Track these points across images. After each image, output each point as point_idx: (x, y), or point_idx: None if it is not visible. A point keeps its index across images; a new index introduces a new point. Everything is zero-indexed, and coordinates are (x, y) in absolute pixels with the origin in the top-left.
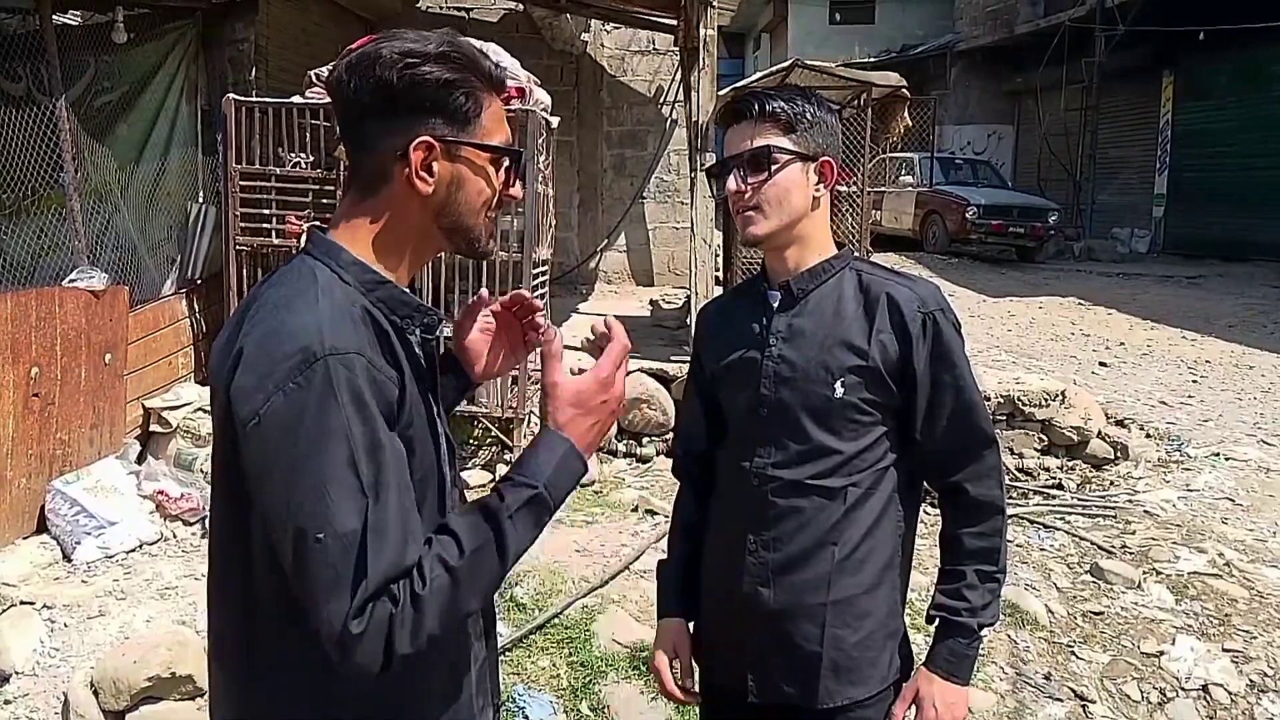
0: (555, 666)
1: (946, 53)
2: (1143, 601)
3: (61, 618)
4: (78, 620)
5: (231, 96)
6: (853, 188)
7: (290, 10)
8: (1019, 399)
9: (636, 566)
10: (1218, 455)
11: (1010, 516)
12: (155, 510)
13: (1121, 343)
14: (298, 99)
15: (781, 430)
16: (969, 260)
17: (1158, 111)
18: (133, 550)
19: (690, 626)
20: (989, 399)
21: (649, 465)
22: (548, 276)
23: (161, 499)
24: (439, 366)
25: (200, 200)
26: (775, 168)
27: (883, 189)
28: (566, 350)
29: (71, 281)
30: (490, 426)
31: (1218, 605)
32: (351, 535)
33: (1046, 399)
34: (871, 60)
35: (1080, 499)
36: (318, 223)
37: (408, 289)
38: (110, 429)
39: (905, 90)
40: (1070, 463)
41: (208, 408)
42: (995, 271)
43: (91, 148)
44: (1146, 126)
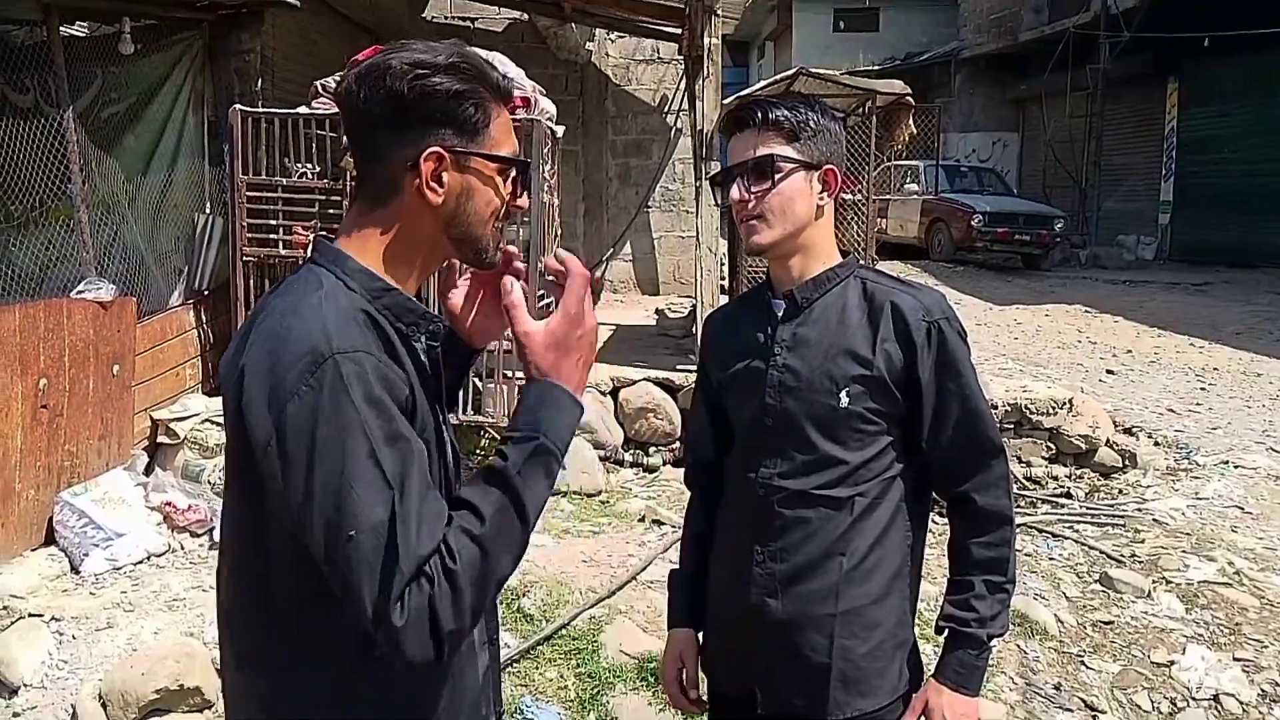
0: (563, 678)
1: (951, 60)
2: (1153, 611)
3: (69, 630)
4: (86, 632)
5: (238, 107)
6: (858, 196)
7: (296, 21)
8: (1026, 407)
9: (644, 577)
10: (1227, 463)
11: (1019, 525)
12: (163, 522)
13: (1129, 350)
14: (304, 110)
15: (787, 440)
16: (974, 268)
17: (1163, 118)
18: (140, 562)
19: (699, 636)
20: (996, 407)
21: (656, 475)
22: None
23: (169, 510)
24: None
25: (207, 211)
26: (779, 176)
27: (888, 197)
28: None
29: (79, 293)
30: (497, 436)
31: (1228, 614)
32: (380, 527)
33: (1054, 407)
34: (876, 68)
35: (1089, 507)
36: (324, 232)
37: (414, 297)
38: (118, 440)
39: (910, 98)
40: (1078, 471)
41: (215, 419)
42: (1001, 279)
43: (99, 159)
44: (1151, 133)
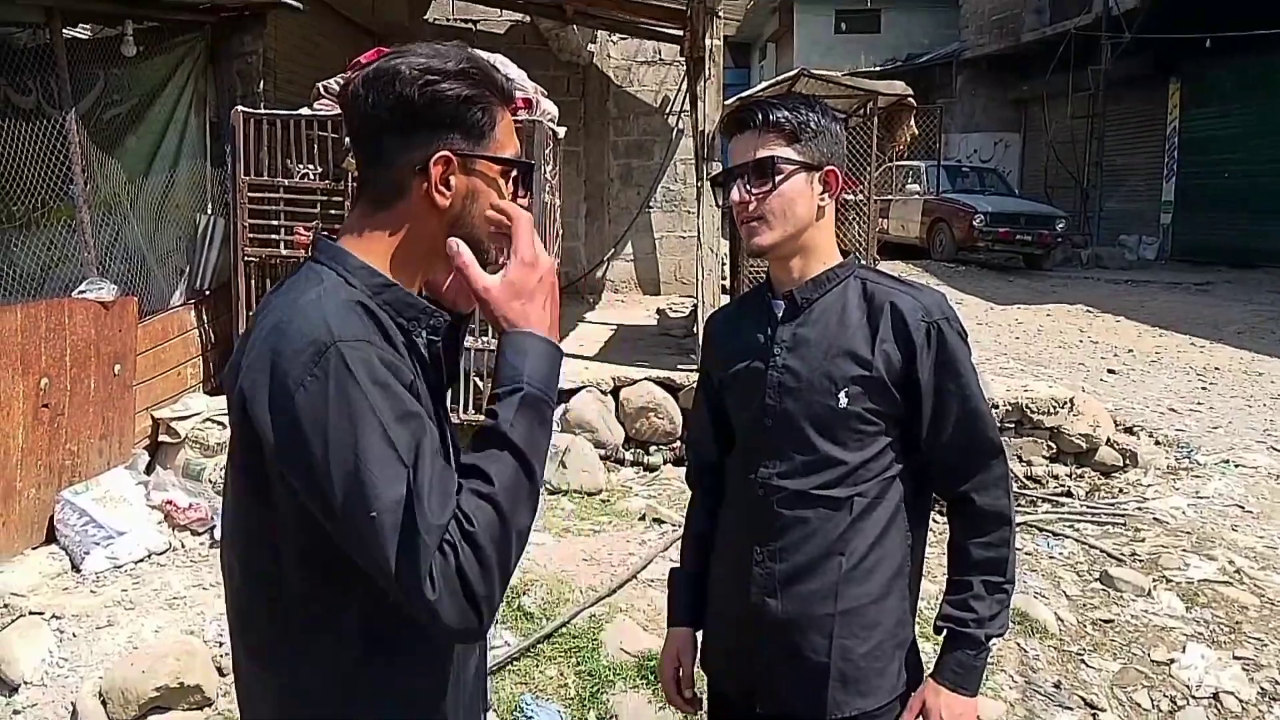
0: (563, 676)
1: (952, 61)
2: (1153, 609)
3: (70, 628)
4: (86, 630)
5: (240, 109)
6: (859, 196)
7: (298, 23)
8: (1027, 406)
9: (644, 575)
10: (1227, 462)
11: (1019, 524)
12: (164, 520)
13: (1130, 350)
14: (306, 111)
15: (786, 440)
16: (976, 268)
17: (1164, 118)
18: (141, 560)
19: (698, 636)
20: (997, 406)
21: (656, 474)
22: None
23: (170, 509)
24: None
25: (209, 211)
26: (780, 178)
27: (889, 197)
28: (565, 356)
29: (81, 293)
30: None
31: (1228, 613)
32: (400, 503)
33: (1055, 406)
34: (877, 69)
35: (1089, 506)
36: (326, 232)
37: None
38: (119, 439)
39: (911, 99)
40: (1079, 470)
41: (216, 418)
42: (1003, 279)
43: (101, 160)
44: (1153, 133)
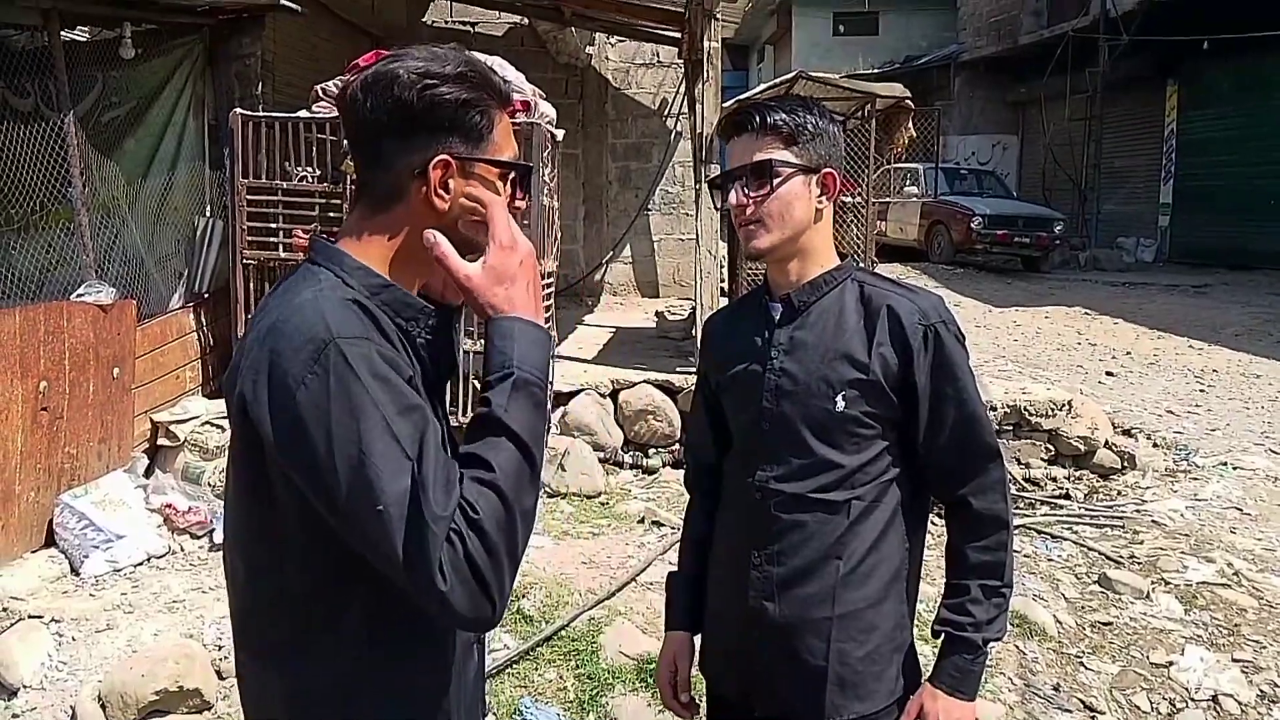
0: (562, 679)
1: (950, 63)
2: (1151, 612)
3: (69, 631)
4: (85, 634)
5: (238, 111)
6: (857, 199)
7: (297, 26)
8: (1026, 409)
9: (643, 578)
10: (1225, 464)
11: (1018, 527)
12: (163, 524)
13: (1128, 352)
14: (304, 113)
15: (783, 444)
16: (974, 270)
17: (1162, 121)
18: (140, 564)
19: (696, 640)
20: (995, 409)
21: (655, 476)
22: (553, 289)
23: (169, 512)
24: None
25: (207, 214)
26: (777, 181)
27: (887, 200)
28: (564, 359)
29: (79, 296)
30: None
31: (1227, 615)
32: (405, 496)
33: (1053, 409)
34: (875, 71)
35: (1088, 509)
36: (324, 234)
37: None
38: (118, 443)
39: (909, 101)
40: (1077, 473)
41: (215, 421)
42: (1001, 281)
43: (99, 163)
44: (1151, 136)
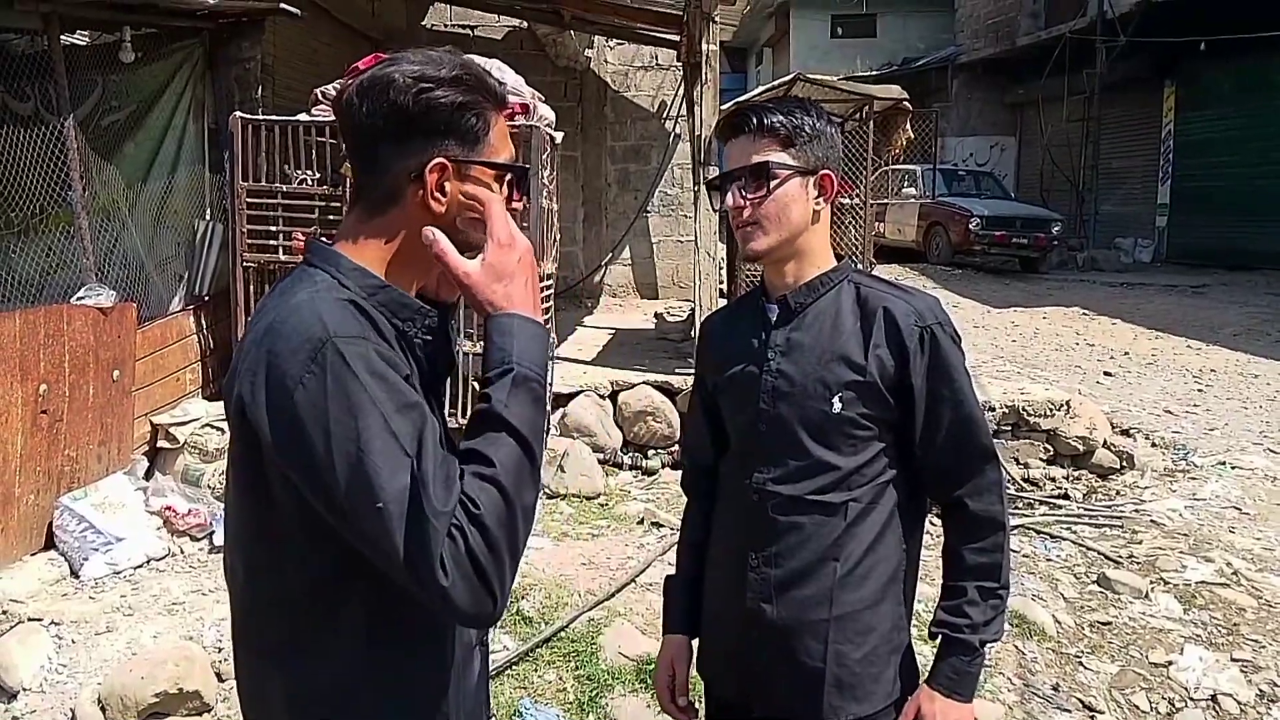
0: (562, 680)
1: (948, 65)
2: (1150, 611)
3: (69, 634)
4: (85, 637)
5: (238, 114)
6: (855, 200)
7: (296, 29)
8: (1024, 409)
9: (643, 579)
10: (1224, 464)
11: (1016, 527)
12: (163, 526)
13: (1126, 352)
14: (304, 116)
15: (780, 445)
16: (972, 271)
17: (1159, 121)
18: (140, 566)
19: (694, 643)
20: (994, 409)
21: (655, 478)
22: (552, 290)
23: (169, 515)
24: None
25: (207, 217)
26: (774, 183)
27: (886, 201)
28: (563, 361)
29: (80, 299)
30: None
31: (1226, 614)
32: (405, 493)
33: (1052, 409)
34: (873, 73)
35: (1086, 509)
36: (322, 237)
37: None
38: (118, 445)
39: (907, 103)
40: (1076, 473)
41: (215, 423)
42: (999, 282)
43: (99, 166)
44: (1149, 136)
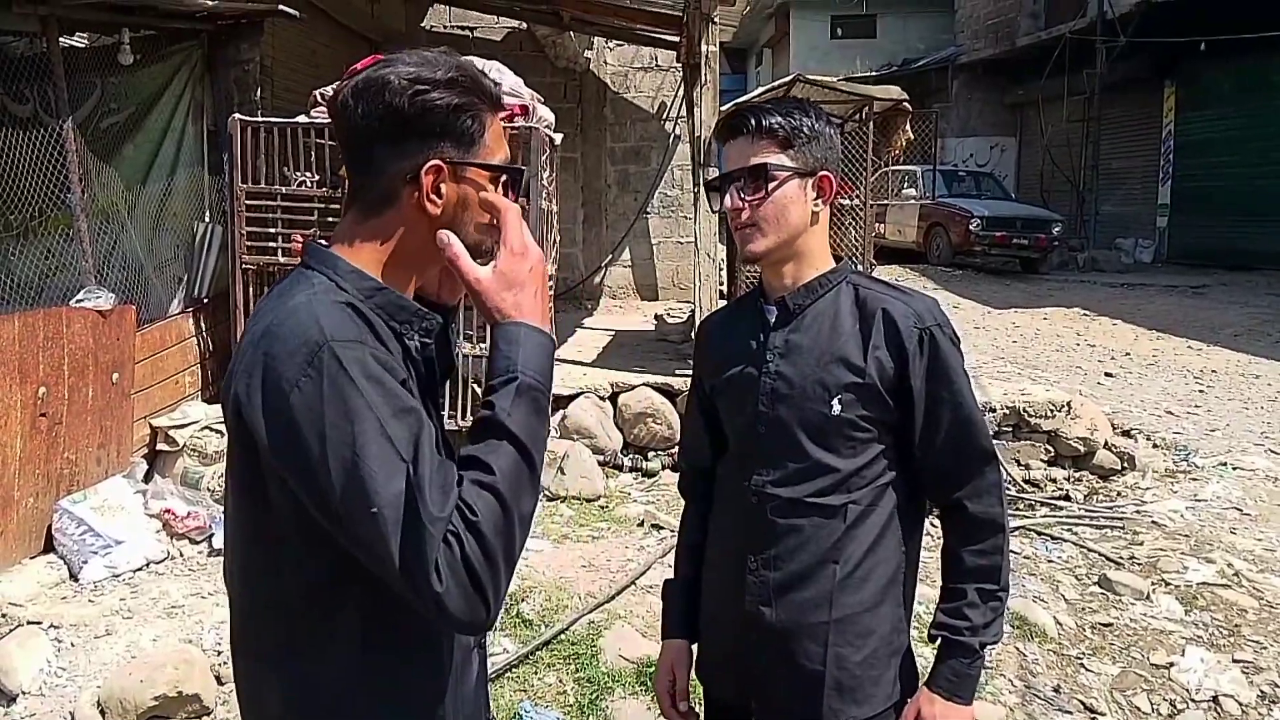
0: (562, 683)
1: (948, 66)
2: (1152, 613)
3: (68, 637)
4: (84, 640)
5: (237, 116)
6: (855, 201)
7: (295, 31)
8: (1025, 410)
9: (643, 581)
10: (1225, 465)
11: (1017, 528)
12: (162, 529)
13: (1127, 353)
14: (303, 118)
15: (779, 448)
16: (973, 272)
17: (1160, 122)
18: (139, 569)
19: (694, 647)
20: (995, 410)
21: (655, 479)
22: (552, 292)
23: (168, 517)
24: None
25: (206, 219)
26: (773, 185)
27: (886, 202)
28: (563, 362)
29: (79, 301)
30: None
31: (1227, 616)
32: (400, 498)
33: (1052, 410)
34: (873, 74)
35: (1087, 510)
36: (320, 239)
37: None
38: (117, 448)
39: (907, 104)
40: (1077, 474)
41: (214, 426)
42: (999, 283)
43: (98, 168)
44: (1149, 137)
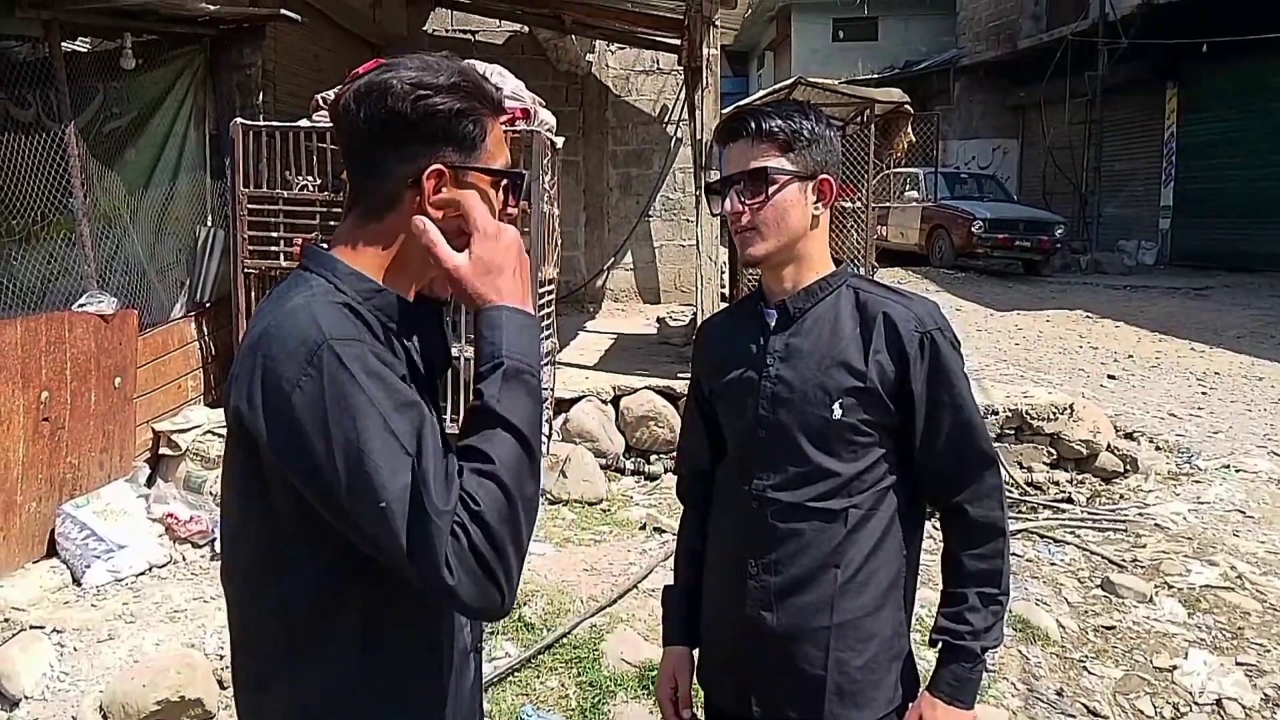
0: (564, 686)
1: (950, 68)
2: (1154, 615)
3: (71, 642)
4: (87, 644)
5: (239, 121)
6: (857, 204)
7: (297, 35)
8: (1027, 413)
9: (645, 585)
10: (1228, 467)
11: (1020, 531)
12: (165, 533)
13: (1130, 355)
14: (305, 123)
15: (780, 452)
16: (975, 274)
17: (1162, 124)
18: (142, 573)
19: (695, 653)
20: (997, 413)
21: (657, 483)
22: (554, 295)
23: (171, 522)
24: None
25: (209, 224)
26: (773, 189)
27: (888, 204)
28: (565, 366)
29: (81, 306)
30: None
31: (1230, 618)
32: (406, 492)
33: (1055, 412)
34: (875, 77)
35: (1090, 512)
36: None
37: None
38: (120, 452)
39: (908, 106)
40: (1080, 476)
41: (217, 430)
42: (1002, 285)
43: (101, 173)
44: (1151, 139)
